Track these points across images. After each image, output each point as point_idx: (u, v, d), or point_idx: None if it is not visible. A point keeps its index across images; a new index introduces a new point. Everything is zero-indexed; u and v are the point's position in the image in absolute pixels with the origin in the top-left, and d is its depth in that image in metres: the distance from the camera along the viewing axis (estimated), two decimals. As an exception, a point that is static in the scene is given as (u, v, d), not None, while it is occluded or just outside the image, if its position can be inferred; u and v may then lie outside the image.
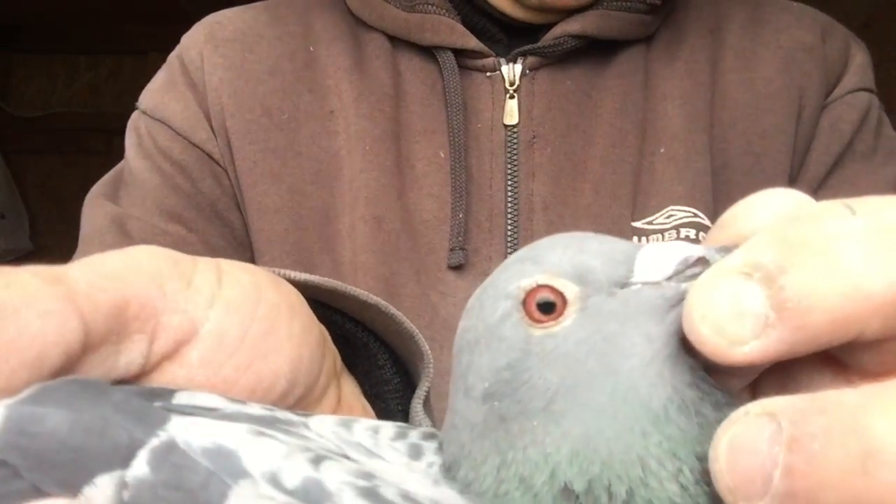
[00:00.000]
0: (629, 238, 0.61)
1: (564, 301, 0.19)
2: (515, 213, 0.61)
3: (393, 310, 0.32)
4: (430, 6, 0.63)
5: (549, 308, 0.19)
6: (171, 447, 0.19)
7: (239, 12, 0.71)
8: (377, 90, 0.65)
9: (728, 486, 0.16)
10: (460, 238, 0.59)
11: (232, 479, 0.18)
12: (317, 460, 0.19)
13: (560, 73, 0.65)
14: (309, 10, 0.70)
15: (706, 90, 0.66)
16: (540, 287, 0.19)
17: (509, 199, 0.61)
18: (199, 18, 0.76)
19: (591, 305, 0.19)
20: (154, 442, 0.19)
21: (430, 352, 0.32)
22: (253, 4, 0.73)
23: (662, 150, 0.64)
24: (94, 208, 0.67)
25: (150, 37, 3.29)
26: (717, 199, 0.63)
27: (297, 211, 0.63)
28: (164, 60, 0.74)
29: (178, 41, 0.73)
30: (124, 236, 0.63)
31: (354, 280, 0.59)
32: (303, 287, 0.30)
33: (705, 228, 0.61)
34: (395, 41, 0.66)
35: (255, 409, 0.22)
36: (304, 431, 0.21)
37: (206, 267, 0.26)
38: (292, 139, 0.65)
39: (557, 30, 0.63)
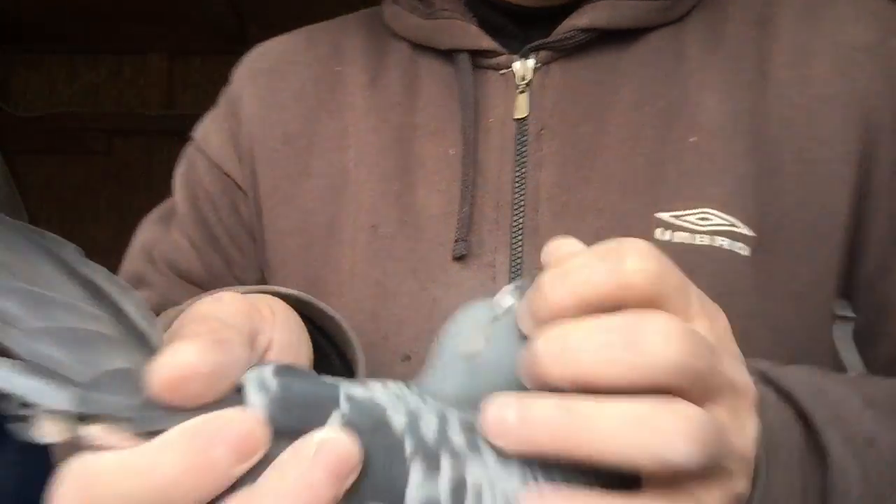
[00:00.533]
0: (653, 229, 0.59)
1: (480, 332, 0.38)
2: (521, 204, 0.61)
3: (344, 324, 0.48)
4: (446, 11, 0.66)
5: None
6: (349, 395, 0.34)
7: (283, 39, 0.76)
8: (387, 101, 0.67)
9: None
10: (464, 230, 0.61)
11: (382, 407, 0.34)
12: (399, 395, 0.35)
13: (574, 64, 0.64)
14: (343, 30, 0.73)
15: (753, 88, 0.62)
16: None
17: (516, 191, 0.62)
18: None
19: (492, 327, 0.38)
20: (342, 393, 0.34)
21: (363, 359, 0.48)
22: (299, 29, 0.77)
23: (693, 139, 0.60)
24: (139, 233, 0.76)
25: (150, 37, 3.29)
26: (763, 208, 0.59)
27: (307, 229, 0.66)
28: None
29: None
30: (148, 262, 0.73)
31: (351, 287, 0.63)
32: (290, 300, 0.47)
33: (743, 238, 0.58)
34: (419, 48, 0.68)
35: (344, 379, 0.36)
36: (374, 385, 0.36)
37: (263, 303, 0.41)
38: (307, 161, 0.67)
39: (567, 24, 0.63)
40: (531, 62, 0.64)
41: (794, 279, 0.58)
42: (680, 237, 0.58)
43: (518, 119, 0.63)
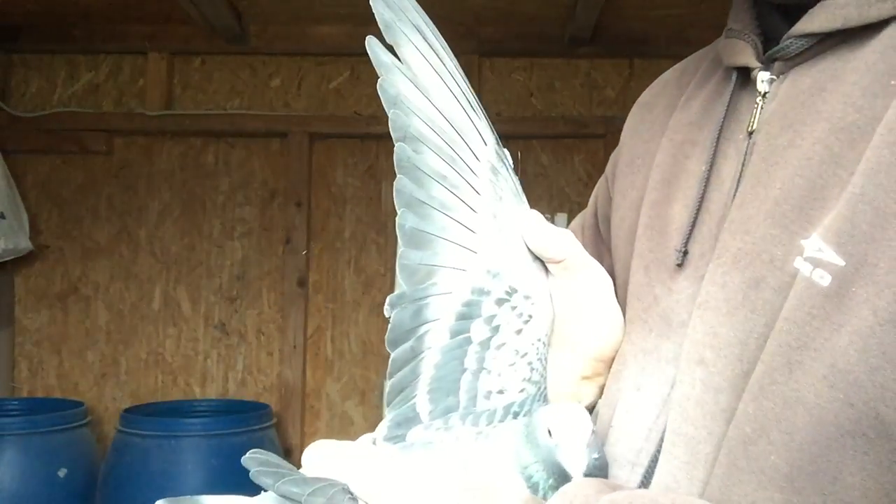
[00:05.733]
0: (794, 257, 0.55)
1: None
2: (722, 219, 0.63)
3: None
4: (733, 31, 0.69)
5: None
6: None
7: (674, 67, 0.83)
8: (686, 119, 0.73)
9: None
10: (684, 242, 0.65)
11: None
12: None
13: (806, 70, 0.61)
14: (712, 50, 0.76)
15: None
16: None
17: (728, 206, 0.63)
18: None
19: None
20: None
21: None
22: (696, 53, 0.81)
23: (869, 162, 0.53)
24: None
25: (150, 37, 3.29)
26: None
27: (620, 236, 0.77)
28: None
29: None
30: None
31: (621, 285, 0.72)
32: None
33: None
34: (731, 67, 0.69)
35: None
36: None
37: None
38: (633, 179, 0.77)
39: (792, 30, 0.61)
40: (765, 74, 0.64)
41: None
42: (818, 274, 0.53)
43: (750, 132, 0.64)
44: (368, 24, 0.54)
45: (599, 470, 0.57)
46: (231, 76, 3.36)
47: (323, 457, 0.58)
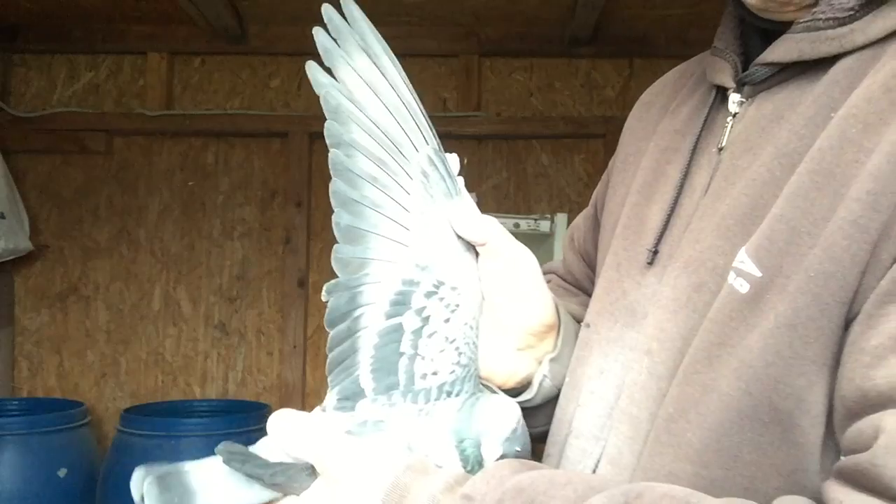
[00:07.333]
0: (731, 267, 0.62)
1: None
2: (687, 226, 0.70)
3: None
4: (717, 48, 0.74)
5: None
6: None
7: (674, 70, 0.89)
8: (672, 126, 0.78)
9: None
10: (656, 242, 0.72)
11: None
12: None
13: (770, 97, 0.68)
14: (703, 61, 0.80)
15: (851, 143, 0.59)
16: None
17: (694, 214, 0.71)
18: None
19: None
20: None
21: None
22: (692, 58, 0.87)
23: (807, 182, 0.59)
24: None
25: (150, 37, 3.29)
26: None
27: (607, 228, 0.83)
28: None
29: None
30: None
31: (599, 276, 0.80)
32: None
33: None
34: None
35: None
36: None
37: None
38: (623, 177, 0.83)
39: (759, 58, 0.67)
40: (736, 96, 0.70)
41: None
42: (737, 285, 0.61)
43: (720, 149, 0.71)
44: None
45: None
46: (231, 76, 3.36)
47: (288, 429, 0.67)
